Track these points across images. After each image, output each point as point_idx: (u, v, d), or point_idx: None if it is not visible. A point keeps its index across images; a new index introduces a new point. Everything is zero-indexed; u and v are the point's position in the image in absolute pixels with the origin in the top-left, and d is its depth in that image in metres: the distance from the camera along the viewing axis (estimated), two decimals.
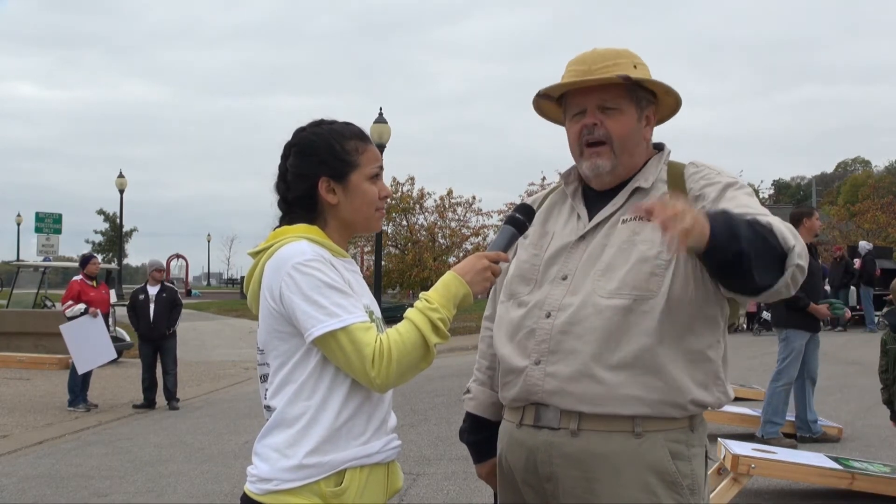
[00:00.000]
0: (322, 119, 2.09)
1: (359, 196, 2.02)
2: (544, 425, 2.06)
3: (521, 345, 2.11)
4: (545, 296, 2.10)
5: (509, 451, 2.16)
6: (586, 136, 2.13)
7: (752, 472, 5.12)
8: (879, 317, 20.46)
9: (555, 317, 2.06)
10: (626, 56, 2.14)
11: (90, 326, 10.35)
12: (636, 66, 2.12)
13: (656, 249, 2.01)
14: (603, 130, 2.11)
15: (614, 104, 2.11)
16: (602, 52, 2.15)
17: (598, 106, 2.12)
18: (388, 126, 20.14)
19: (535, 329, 2.08)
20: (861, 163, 76.82)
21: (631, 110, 2.12)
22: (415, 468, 6.53)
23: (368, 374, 1.83)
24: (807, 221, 7.39)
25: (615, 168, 2.13)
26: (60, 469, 7.33)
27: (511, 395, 2.14)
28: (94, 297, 10.68)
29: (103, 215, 58.20)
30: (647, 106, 2.15)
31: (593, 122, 2.12)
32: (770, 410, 7.16)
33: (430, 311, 1.89)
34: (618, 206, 2.13)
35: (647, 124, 2.16)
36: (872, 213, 35.37)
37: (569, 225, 2.19)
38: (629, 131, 2.12)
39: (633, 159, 2.15)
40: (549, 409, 2.05)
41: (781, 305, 7.19)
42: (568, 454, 2.02)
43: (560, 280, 2.10)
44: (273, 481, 1.89)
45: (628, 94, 2.11)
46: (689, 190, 2.08)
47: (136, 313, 10.96)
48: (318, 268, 1.89)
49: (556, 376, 2.03)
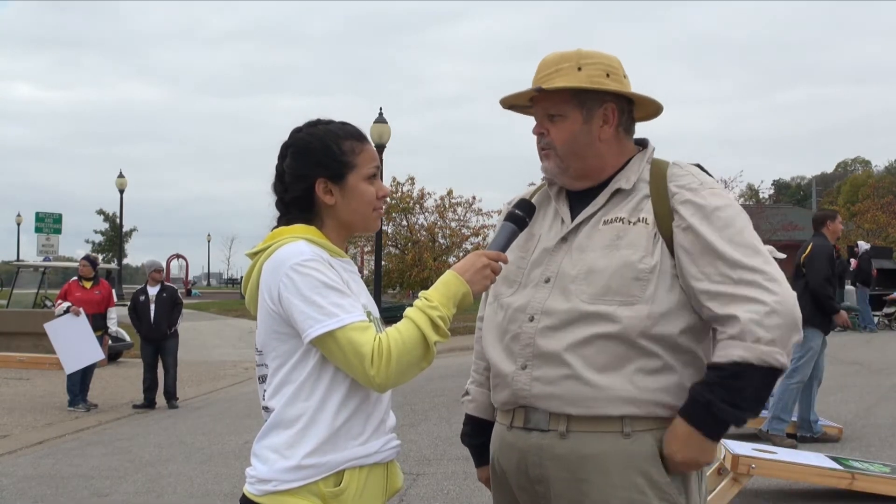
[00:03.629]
0: (319, 119, 2.09)
1: (356, 196, 2.02)
2: (534, 427, 2.06)
3: (508, 349, 2.11)
4: (528, 299, 2.10)
5: (501, 453, 2.16)
6: (539, 143, 2.19)
7: (752, 472, 5.12)
8: (880, 317, 20.50)
9: (538, 321, 2.06)
10: (570, 59, 2.13)
11: (73, 325, 10.28)
12: (580, 68, 2.11)
13: (639, 254, 2.01)
14: (548, 139, 2.15)
15: (557, 111, 2.13)
16: (548, 59, 2.17)
17: (544, 114, 2.15)
18: (388, 126, 20.14)
19: (520, 333, 2.08)
20: (861, 163, 76.87)
21: (575, 115, 2.12)
22: (415, 468, 6.53)
23: (367, 372, 1.82)
24: (830, 224, 7.53)
25: (566, 170, 2.14)
26: (60, 469, 7.33)
27: (501, 399, 2.14)
28: (81, 297, 10.66)
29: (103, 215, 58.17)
30: (600, 106, 2.12)
31: (539, 131, 2.17)
32: (779, 407, 7.17)
33: (430, 310, 1.88)
34: (598, 207, 2.12)
35: (606, 123, 2.13)
36: (872, 213, 35.43)
37: (553, 227, 2.18)
38: (571, 136, 2.12)
39: (588, 161, 2.14)
40: (538, 412, 2.05)
41: (811, 304, 7.25)
42: (558, 456, 2.02)
43: (543, 283, 2.10)
44: (272, 482, 1.89)
45: (572, 100, 2.11)
46: (669, 191, 2.07)
47: (137, 314, 10.98)
48: (317, 268, 1.88)
49: (542, 380, 2.03)
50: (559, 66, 2.12)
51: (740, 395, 1.92)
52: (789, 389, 7.18)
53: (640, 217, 2.06)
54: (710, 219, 2.00)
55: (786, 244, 32.04)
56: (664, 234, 2.02)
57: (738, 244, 1.97)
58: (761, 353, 1.90)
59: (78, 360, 10.32)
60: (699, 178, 2.09)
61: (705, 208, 2.01)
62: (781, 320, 1.91)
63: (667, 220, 2.03)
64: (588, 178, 2.16)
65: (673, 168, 2.13)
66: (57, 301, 10.87)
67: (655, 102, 2.18)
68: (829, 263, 7.37)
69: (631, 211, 2.08)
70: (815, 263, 7.40)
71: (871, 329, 18.27)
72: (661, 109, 2.22)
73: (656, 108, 2.21)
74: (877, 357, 13.64)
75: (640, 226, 2.05)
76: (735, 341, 1.92)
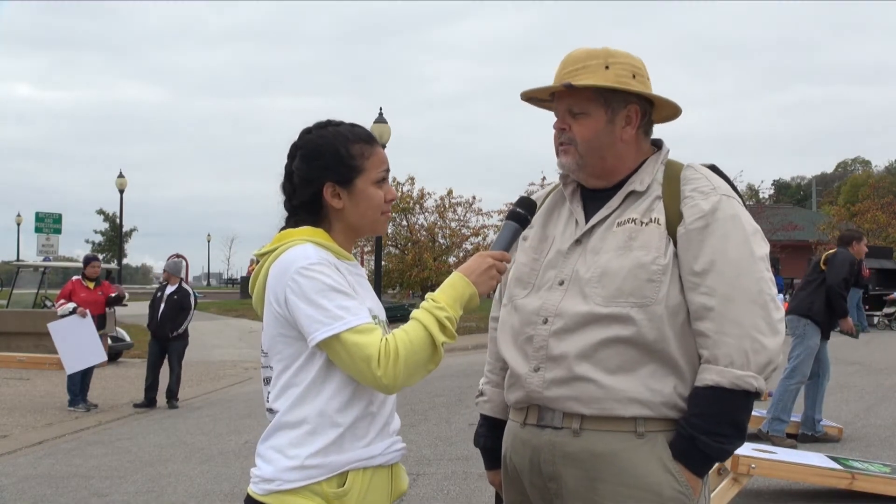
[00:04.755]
0: (329, 120, 2.07)
1: (364, 201, 2.01)
2: (547, 425, 2.07)
3: (522, 350, 2.11)
4: (542, 302, 2.10)
5: (513, 450, 2.16)
6: (558, 138, 2.18)
7: (752, 472, 5.12)
8: (880, 317, 20.51)
9: (552, 323, 2.06)
10: (598, 56, 2.12)
11: (78, 326, 10.29)
12: (608, 67, 2.10)
13: (652, 255, 2.01)
14: (570, 135, 2.14)
15: (581, 109, 2.12)
16: (575, 55, 2.15)
17: (567, 110, 2.14)
18: (388, 126, 20.13)
19: (534, 336, 2.08)
20: (861, 163, 76.82)
21: (599, 114, 2.11)
22: (415, 468, 6.53)
23: (374, 373, 1.81)
24: (856, 245, 7.96)
25: (584, 166, 2.14)
26: (60, 469, 7.33)
27: (514, 398, 2.15)
28: (86, 298, 10.66)
29: (103, 215, 58.16)
30: (624, 107, 2.12)
31: (561, 126, 2.16)
32: (779, 407, 7.18)
33: (438, 311, 1.88)
34: (613, 209, 2.12)
35: (628, 125, 2.13)
36: (872, 213, 35.40)
37: (567, 229, 2.18)
38: (594, 135, 2.11)
39: (606, 161, 2.14)
40: (551, 410, 2.06)
41: (823, 300, 7.37)
42: (570, 454, 2.02)
43: (557, 285, 2.10)
44: (275, 481, 1.89)
45: (598, 98, 2.11)
46: (682, 193, 2.07)
47: (152, 310, 11.07)
48: (322, 271, 1.88)
49: (555, 382, 2.03)
50: (586, 63, 2.11)
51: (717, 423, 1.94)
52: (788, 390, 7.18)
53: (652, 217, 2.06)
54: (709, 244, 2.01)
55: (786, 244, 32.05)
56: (673, 235, 2.03)
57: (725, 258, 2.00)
58: (734, 378, 1.93)
59: (80, 361, 10.32)
60: (713, 182, 2.09)
61: (711, 221, 2.02)
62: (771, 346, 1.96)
63: (675, 222, 2.04)
64: (603, 178, 2.16)
65: (687, 171, 2.13)
66: (59, 301, 10.80)
67: (675, 106, 2.19)
68: (850, 268, 7.58)
69: (644, 212, 2.08)
70: (837, 263, 7.59)
71: (864, 329, 18.26)
72: (680, 112, 2.22)
73: (675, 110, 2.21)
74: (877, 357, 13.66)
75: (653, 226, 2.05)
76: (709, 365, 1.96)
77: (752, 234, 2.04)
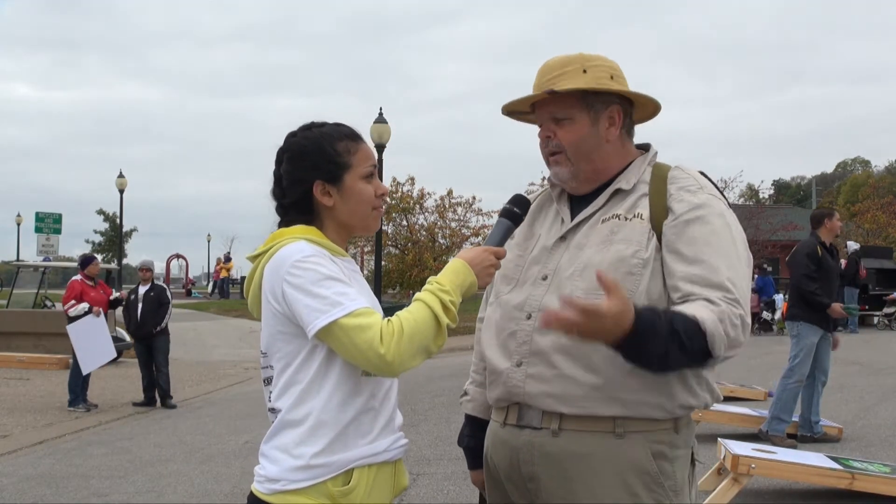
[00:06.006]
0: (312, 122, 2.09)
1: (354, 196, 2.02)
2: (526, 425, 2.07)
3: (504, 346, 2.12)
4: (526, 297, 2.11)
5: (494, 450, 2.17)
6: (545, 148, 2.18)
7: (752, 472, 5.12)
8: (880, 317, 20.50)
9: (535, 318, 2.06)
10: (575, 62, 2.13)
11: (94, 326, 10.37)
12: (586, 71, 2.11)
13: (633, 248, 2.01)
14: (556, 141, 2.14)
15: (564, 114, 2.13)
16: (551, 63, 2.16)
17: (550, 117, 2.15)
18: (388, 126, 20.13)
19: (517, 331, 2.09)
20: (861, 163, 76.87)
21: (583, 117, 2.12)
22: (415, 468, 6.53)
23: (378, 351, 1.80)
24: (828, 222, 7.58)
25: (577, 174, 2.15)
26: (60, 469, 7.33)
27: (495, 396, 2.15)
28: (96, 297, 10.73)
29: (103, 215, 58.08)
30: (606, 108, 2.13)
31: (546, 134, 2.17)
32: (779, 407, 7.17)
33: (441, 293, 1.89)
34: (598, 207, 2.14)
35: (612, 125, 2.14)
36: (872, 213, 35.45)
37: (553, 227, 2.20)
38: (580, 139, 2.12)
39: (595, 163, 2.15)
40: (531, 409, 2.06)
41: (800, 301, 7.29)
42: (549, 454, 2.02)
43: (540, 280, 2.11)
44: (281, 481, 1.90)
45: (579, 102, 2.12)
46: (669, 191, 2.08)
47: (129, 312, 11.11)
48: (318, 262, 1.89)
49: (536, 378, 2.03)
50: (564, 69, 2.13)
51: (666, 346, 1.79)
52: (788, 389, 7.18)
53: (636, 213, 2.07)
54: (690, 231, 1.99)
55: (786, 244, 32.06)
56: (658, 230, 2.03)
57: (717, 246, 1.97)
58: (717, 337, 1.84)
59: (95, 360, 10.39)
60: (700, 182, 2.10)
61: (695, 217, 2.00)
62: (744, 338, 1.90)
63: (661, 217, 2.04)
64: (593, 181, 2.17)
65: (675, 171, 2.14)
66: (68, 301, 10.73)
67: (655, 102, 2.20)
68: (810, 260, 7.37)
69: (628, 208, 2.09)
70: (796, 259, 7.50)
71: (852, 330, 18.21)
72: (660, 109, 2.23)
73: (654, 108, 2.23)
74: (877, 357, 13.66)
75: (636, 221, 2.05)
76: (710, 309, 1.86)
77: (738, 237, 2.03)
